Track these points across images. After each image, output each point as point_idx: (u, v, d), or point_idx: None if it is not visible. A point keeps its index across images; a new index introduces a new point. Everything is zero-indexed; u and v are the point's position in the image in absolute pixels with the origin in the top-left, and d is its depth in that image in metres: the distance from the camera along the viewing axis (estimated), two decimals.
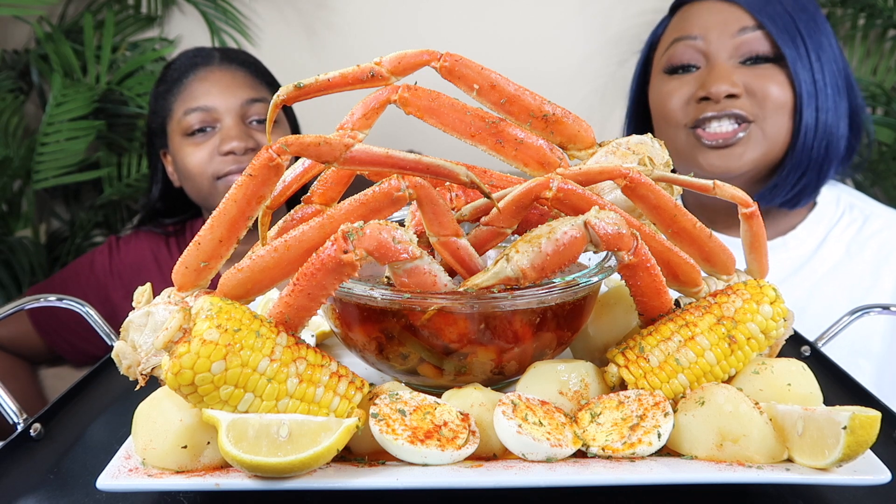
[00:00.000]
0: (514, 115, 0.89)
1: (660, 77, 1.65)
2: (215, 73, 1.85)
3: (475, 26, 2.53)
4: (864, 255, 1.59)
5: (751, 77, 1.53)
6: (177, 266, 0.79)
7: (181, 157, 1.81)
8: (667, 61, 1.62)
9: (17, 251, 2.28)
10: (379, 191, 0.73)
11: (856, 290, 1.56)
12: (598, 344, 0.90)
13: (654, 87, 1.67)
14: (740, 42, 1.54)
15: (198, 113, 1.79)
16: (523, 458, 0.70)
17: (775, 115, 1.53)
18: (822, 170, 1.56)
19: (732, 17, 1.55)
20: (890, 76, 2.44)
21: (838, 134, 1.55)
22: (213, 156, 1.78)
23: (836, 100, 1.54)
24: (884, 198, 2.42)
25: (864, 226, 1.62)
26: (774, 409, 0.72)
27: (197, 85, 1.82)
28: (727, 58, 1.55)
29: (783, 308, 0.82)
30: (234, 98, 1.81)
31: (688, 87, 1.58)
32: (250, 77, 1.88)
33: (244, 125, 1.81)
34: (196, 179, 1.80)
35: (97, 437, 0.86)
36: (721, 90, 1.51)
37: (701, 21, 1.58)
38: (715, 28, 1.56)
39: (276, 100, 0.82)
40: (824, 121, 1.53)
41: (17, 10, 2.27)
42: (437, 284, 0.75)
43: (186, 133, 1.80)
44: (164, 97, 1.85)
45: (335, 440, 0.66)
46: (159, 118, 1.87)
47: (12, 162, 2.26)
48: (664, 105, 1.62)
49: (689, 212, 0.84)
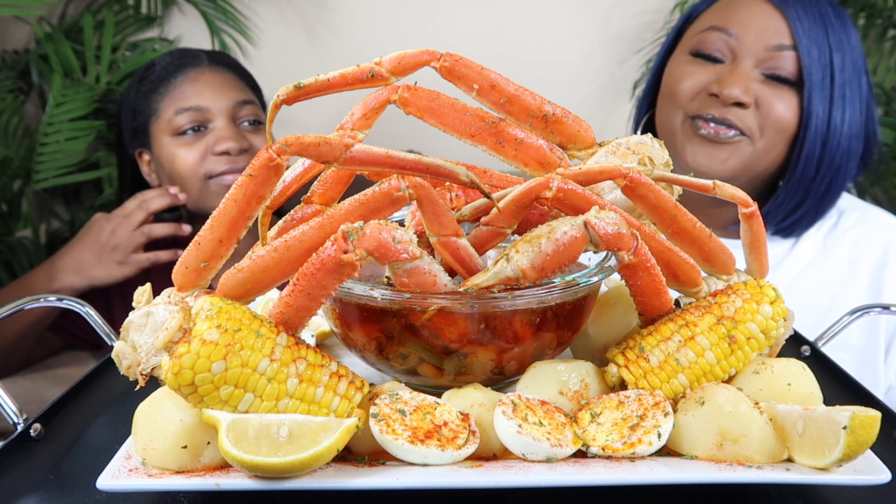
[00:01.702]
0: (514, 115, 0.89)
1: (683, 55, 1.62)
2: (206, 73, 1.85)
3: (475, 26, 2.53)
4: (839, 251, 1.59)
5: (765, 92, 1.51)
6: (177, 266, 0.79)
7: (170, 156, 1.81)
8: (696, 44, 1.59)
9: (17, 251, 2.28)
10: (379, 191, 0.73)
11: (832, 286, 1.56)
12: (598, 344, 0.90)
13: (675, 61, 1.65)
14: (771, 56, 1.51)
15: (190, 112, 1.80)
16: (523, 458, 0.70)
17: (773, 135, 1.52)
18: (822, 204, 1.56)
19: (774, 28, 1.52)
20: (890, 76, 2.45)
21: (845, 173, 1.54)
22: (206, 155, 1.79)
23: (850, 142, 1.52)
24: (884, 198, 2.42)
25: (840, 221, 1.61)
26: (774, 409, 0.72)
27: (188, 85, 1.83)
28: (752, 65, 1.52)
29: (783, 308, 0.82)
30: (225, 99, 1.82)
31: (705, 76, 1.56)
32: (238, 79, 1.90)
33: (235, 126, 1.82)
34: (187, 179, 1.80)
35: (97, 437, 0.86)
36: (733, 94, 1.49)
37: (744, 19, 1.55)
38: (754, 32, 1.53)
39: (276, 100, 0.82)
40: (831, 158, 1.51)
41: (17, 10, 2.27)
42: (437, 284, 0.75)
43: (176, 133, 1.80)
44: (149, 96, 1.85)
45: (335, 440, 0.66)
46: (141, 118, 1.87)
47: (12, 162, 2.26)
48: (676, 83, 1.59)
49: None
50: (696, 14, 1.68)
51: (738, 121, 1.51)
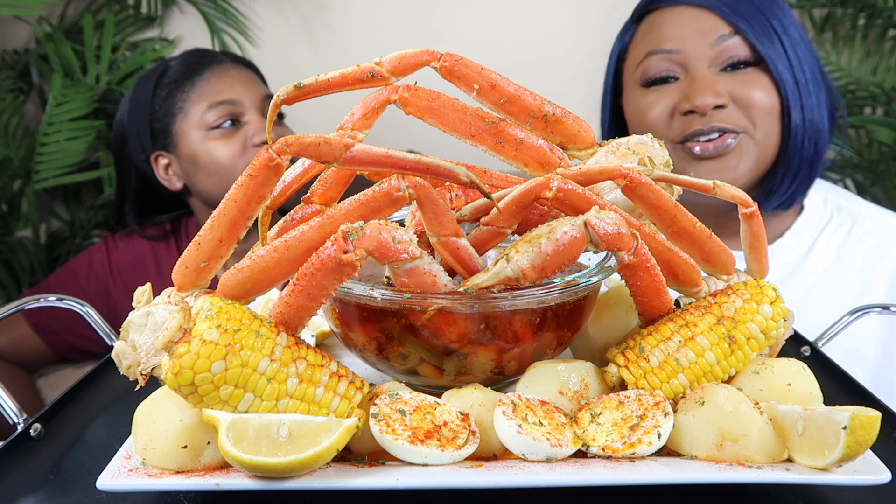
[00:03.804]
0: (514, 115, 0.89)
1: (635, 90, 1.59)
2: (231, 70, 1.88)
3: (475, 26, 2.53)
4: (854, 260, 1.56)
5: (734, 84, 1.48)
6: (177, 266, 0.79)
7: (206, 151, 1.81)
8: (641, 75, 1.56)
9: (17, 251, 2.28)
10: (379, 191, 0.73)
11: (848, 296, 1.53)
12: (598, 344, 0.90)
13: (631, 100, 1.61)
14: (719, 50, 1.48)
15: (225, 106, 1.81)
16: (523, 458, 0.70)
17: (764, 121, 1.49)
18: (814, 167, 1.53)
19: (707, 24, 1.49)
20: (890, 76, 2.44)
21: (824, 129, 1.52)
22: (247, 148, 1.80)
23: (817, 94, 1.50)
24: (884, 198, 2.42)
25: (854, 228, 1.58)
26: (774, 409, 0.72)
27: (217, 81, 1.84)
28: (707, 67, 1.49)
29: (783, 308, 0.82)
30: (253, 94, 1.85)
31: (669, 99, 1.52)
32: (256, 76, 1.94)
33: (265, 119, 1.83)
34: (226, 172, 1.79)
35: (97, 437, 0.86)
36: (707, 102, 1.46)
37: (674, 32, 1.52)
38: (690, 38, 1.50)
39: (276, 100, 0.82)
40: (811, 118, 1.49)
41: (17, 10, 2.27)
42: (437, 284, 0.75)
43: (210, 127, 1.80)
44: (172, 96, 1.84)
45: (335, 440, 0.66)
46: (162, 119, 1.86)
47: (12, 162, 2.26)
48: (643, 118, 1.56)
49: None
50: (624, 49, 1.64)
51: (726, 122, 1.47)
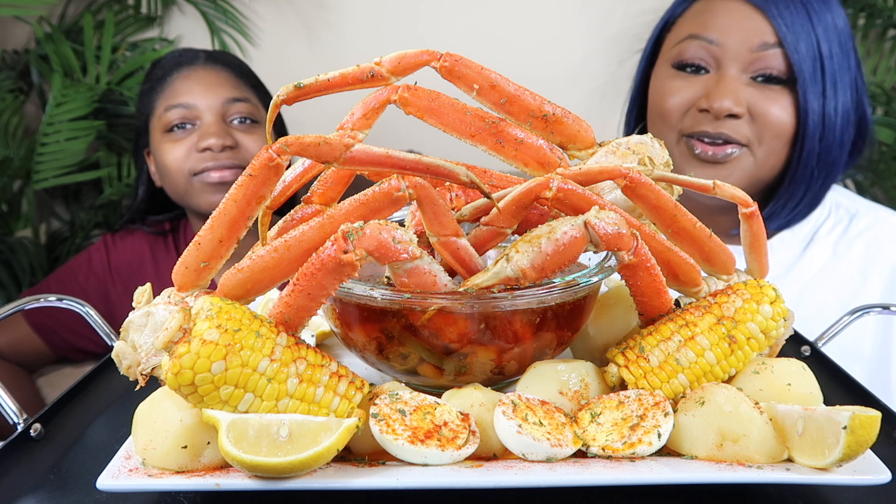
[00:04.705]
0: (514, 115, 0.89)
1: (666, 68, 1.57)
2: (198, 71, 1.86)
3: (475, 26, 2.53)
4: (851, 256, 1.55)
5: (757, 97, 1.46)
6: (177, 266, 0.78)
7: (160, 153, 1.83)
8: (677, 55, 1.54)
9: (17, 251, 2.28)
10: (379, 191, 0.73)
11: (845, 292, 1.52)
12: (598, 344, 0.90)
13: (658, 75, 1.59)
14: (757, 57, 1.45)
15: (178, 109, 1.81)
16: (523, 458, 0.70)
17: (772, 141, 1.47)
18: (818, 195, 1.53)
19: (756, 28, 1.45)
20: (890, 76, 2.45)
21: (839, 164, 1.50)
22: (191, 152, 1.79)
23: (843, 131, 1.48)
24: (884, 198, 2.42)
25: (851, 225, 1.58)
26: (774, 409, 0.72)
27: (180, 83, 1.84)
28: (739, 70, 1.47)
29: (783, 308, 0.82)
30: (215, 97, 1.83)
31: (692, 91, 1.51)
32: (234, 77, 1.90)
33: (224, 123, 1.83)
34: (173, 176, 1.81)
35: (97, 437, 0.86)
36: (724, 107, 1.44)
37: (722, 23, 1.48)
38: (735, 35, 1.46)
39: (276, 100, 0.82)
40: (827, 153, 1.47)
41: (17, 10, 2.27)
42: (437, 284, 0.75)
43: (166, 129, 1.82)
44: (148, 95, 1.87)
45: (335, 440, 0.66)
46: (143, 116, 1.89)
47: (12, 162, 2.26)
48: (664, 101, 1.55)
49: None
50: (673, 20, 1.61)
51: (733, 133, 1.46)
